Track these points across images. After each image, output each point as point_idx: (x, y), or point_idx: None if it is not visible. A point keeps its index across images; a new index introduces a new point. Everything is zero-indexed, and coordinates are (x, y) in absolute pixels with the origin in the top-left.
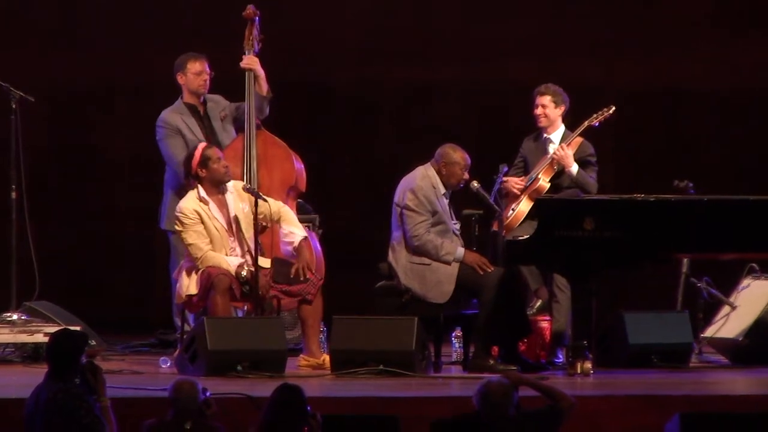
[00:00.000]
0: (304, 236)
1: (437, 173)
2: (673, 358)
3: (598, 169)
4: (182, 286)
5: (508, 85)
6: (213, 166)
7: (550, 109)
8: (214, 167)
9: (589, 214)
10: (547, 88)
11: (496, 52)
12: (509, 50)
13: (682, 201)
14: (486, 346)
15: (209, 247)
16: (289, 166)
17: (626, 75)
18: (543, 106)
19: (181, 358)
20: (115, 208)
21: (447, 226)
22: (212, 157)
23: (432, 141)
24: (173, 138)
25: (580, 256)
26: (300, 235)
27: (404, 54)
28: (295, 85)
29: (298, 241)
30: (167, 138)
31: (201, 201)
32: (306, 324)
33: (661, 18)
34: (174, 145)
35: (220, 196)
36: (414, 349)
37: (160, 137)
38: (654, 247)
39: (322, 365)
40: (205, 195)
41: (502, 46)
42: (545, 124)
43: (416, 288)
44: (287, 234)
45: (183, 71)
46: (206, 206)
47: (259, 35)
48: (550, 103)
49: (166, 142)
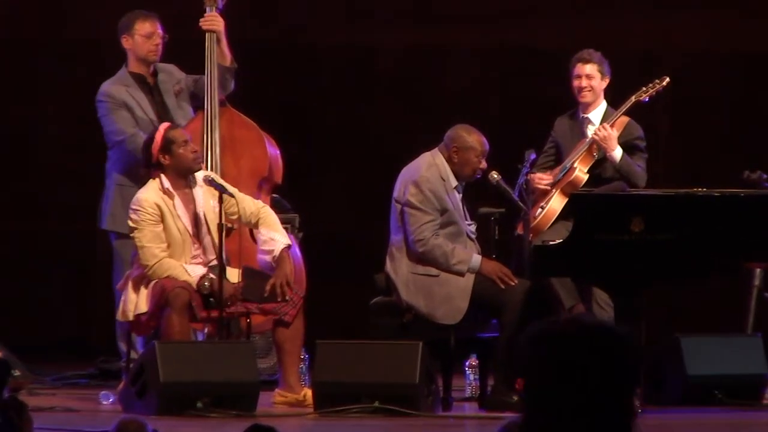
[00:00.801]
0: (287, 244)
1: (447, 161)
2: (741, 394)
3: (647, 157)
4: (129, 302)
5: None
6: (179, 150)
7: (596, 80)
8: (180, 152)
9: (638, 213)
10: (591, 55)
11: (521, 10)
12: (536, 8)
13: (754, 197)
14: (508, 378)
15: (165, 254)
16: (260, 153)
17: (682, 36)
18: (588, 77)
19: (127, 392)
20: (40, 204)
21: (459, 228)
22: (177, 140)
23: (441, 120)
24: (119, 111)
25: (625, 265)
26: (282, 243)
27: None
28: (268, 50)
29: (279, 250)
30: (111, 113)
31: (165, 194)
32: (283, 350)
33: None
34: (121, 119)
35: (187, 190)
36: (418, 382)
37: (102, 113)
38: (718, 255)
39: (302, 401)
40: (170, 187)
41: (528, 2)
42: (590, 99)
43: (421, 305)
44: (267, 241)
45: (129, 33)
46: (170, 201)
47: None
48: (597, 73)
49: (110, 118)
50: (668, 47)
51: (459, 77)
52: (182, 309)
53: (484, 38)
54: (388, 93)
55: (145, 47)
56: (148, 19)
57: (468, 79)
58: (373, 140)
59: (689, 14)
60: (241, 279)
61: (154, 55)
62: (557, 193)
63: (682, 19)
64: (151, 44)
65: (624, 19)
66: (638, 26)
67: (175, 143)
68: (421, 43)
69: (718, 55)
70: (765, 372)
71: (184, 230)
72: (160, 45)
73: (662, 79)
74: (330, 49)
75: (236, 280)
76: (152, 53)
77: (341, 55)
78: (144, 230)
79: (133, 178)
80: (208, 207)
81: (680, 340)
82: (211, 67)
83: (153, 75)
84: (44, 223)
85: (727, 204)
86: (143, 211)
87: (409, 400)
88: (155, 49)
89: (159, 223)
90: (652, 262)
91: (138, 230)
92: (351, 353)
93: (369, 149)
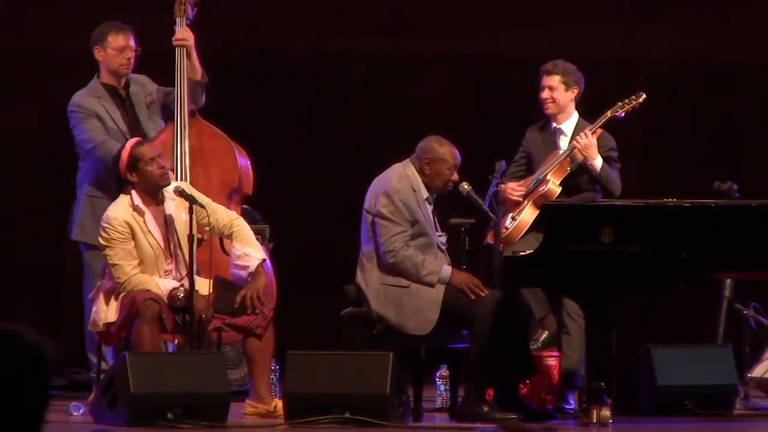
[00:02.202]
0: (262, 259)
1: (419, 173)
2: (712, 404)
3: (621, 167)
4: (99, 311)
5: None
6: (146, 168)
7: (559, 92)
8: (148, 170)
9: (608, 224)
10: (555, 66)
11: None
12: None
13: (724, 207)
14: (479, 388)
15: (137, 271)
16: (230, 163)
17: (657, 43)
18: (550, 88)
19: (98, 403)
20: (9, 213)
21: (430, 239)
22: (143, 157)
23: (412, 131)
24: (89, 120)
25: (596, 275)
26: (257, 259)
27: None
28: (237, 57)
29: (255, 265)
30: (82, 122)
31: (135, 210)
32: (253, 361)
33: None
34: (91, 127)
35: (159, 205)
36: (389, 393)
37: (74, 123)
38: (689, 265)
39: (273, 412)
40: (140, 203)
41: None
42: (553, 110)
43: (391, 316)
44: (241, 256)
45: (102, 45)
46: (141, 218)
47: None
48: (560, 84)
49: (80, 127)
50: (643, 55)
51: (431, 87)
52: (153, 320)
53: (457, 47)
54: (360, 103)
55: (117, 60)
56: (122, 32)
57: (440, 89)
58: (345, 150)
59: (664, 22)
60: (212, 290)
61: (126, 69)
62: (529, 204)
63: (657, 26)
64: (123, 57)
65: (600, 27)
66: (614, 34)
67: (141, 160)
68: (394, 53)
69: (692, 63)
70: (736, 382)
71: (156, 246)
72: (133, 58)
73: (638, 95)
74: (302, 59)
75: (207, 291)
76: (124, 66)
77: (313, 65)
78: (115, 248)
79: (104, 189)
80: (180, 220)
81: (651, 350)
82: (181, 80)
83: (125, 87)
84: (13, 234)
85: (697, 214)
86: (113, 229)
87: (380, 411)
88: (127, 63)
89: (129, 241)
90: (623, 273)
91: (109, 248)
92: (322, 364)
93: (340, 159)
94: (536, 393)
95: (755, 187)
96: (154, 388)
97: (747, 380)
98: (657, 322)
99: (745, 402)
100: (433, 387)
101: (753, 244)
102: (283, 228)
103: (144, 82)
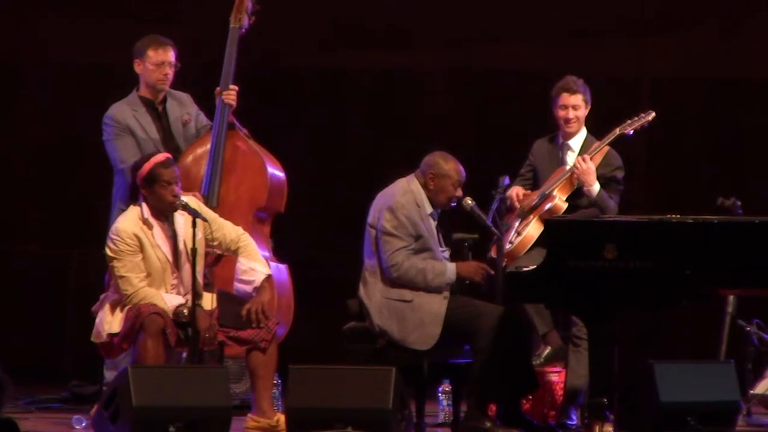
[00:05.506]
0: (268, 275)
1: (423, 188)
2: (714, 420)
3: (623, 189)
4: (103, 322)
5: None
6: (160, 191)
7: (581, 110)
8: (161, 192)
9: (612, 240)
10: (576, 84)
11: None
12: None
13: (727, 223)
14: (481, 403)
15: (144, 284)
16: (261, 181)
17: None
18: (575, 107)
19: (100, 416)
20: (16, 224)
21: (433, 254)
22: (160, 179)
23: (415, 146)
24: (123, 138)
25: (599, 291)
26: (263, 274)
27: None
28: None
29: (260, 281)
30: (116, 139)
31: (144, 223)
32: (256, 375)
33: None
34: (124, 147)
35: (167, 220)
36: (391, 407)
37: (107, 137)
38: (692, 281)
39: (275, 427)
40: (149, 217)
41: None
42: (576, 129)
43: (394, 331)
44: (246, 271)
45: (141, 58)
46: (149, 231)
47: (255, 4)
48: (582, 102)
49: (114, 144)
50: (645, 72)
51: (434, 102)
52: (157, 334)
53: (459, 63)
54: (363, 118)
55: (154, 75)
56: (161, 46)
57: (443, 104)
58: (347, 165)
59: (666, 39)
60: (216, 304)
61: (163, 84)
62: (535, 219)
63: (659, 43)
64: (160, 73)
65: (601, 44)
66: (616, 50)
67: (158, 182)
68: (396, 67)
69: (695, 81)
70: (738, 399)
71: (164, 259)
72: (170, 74)
73: (648, 113)
74: (303, 73)
75: (210, 306)
76: (161, 82)
77: (315, 79)
78: (123, 260)
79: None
80: (188, 235)
81: (654, 367)
82: (220, 132)
83: (162, 101)
84: (16, 246)
85: (700, 231)
86: (121, 241)
87: (383, 426)
88: (164, 78)
89: (138, 253)
90: (626, 289)
91: (117, 260)
92: (324, 378)
93: (343, 174)
94: (538, 408)
95: (759, 203)
96: (156, 402)
97: (749, 397)
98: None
99: (747, 418)
100: (435, 402)
101: (756, 260)
102: (286, 243)
103: (185, 100)
